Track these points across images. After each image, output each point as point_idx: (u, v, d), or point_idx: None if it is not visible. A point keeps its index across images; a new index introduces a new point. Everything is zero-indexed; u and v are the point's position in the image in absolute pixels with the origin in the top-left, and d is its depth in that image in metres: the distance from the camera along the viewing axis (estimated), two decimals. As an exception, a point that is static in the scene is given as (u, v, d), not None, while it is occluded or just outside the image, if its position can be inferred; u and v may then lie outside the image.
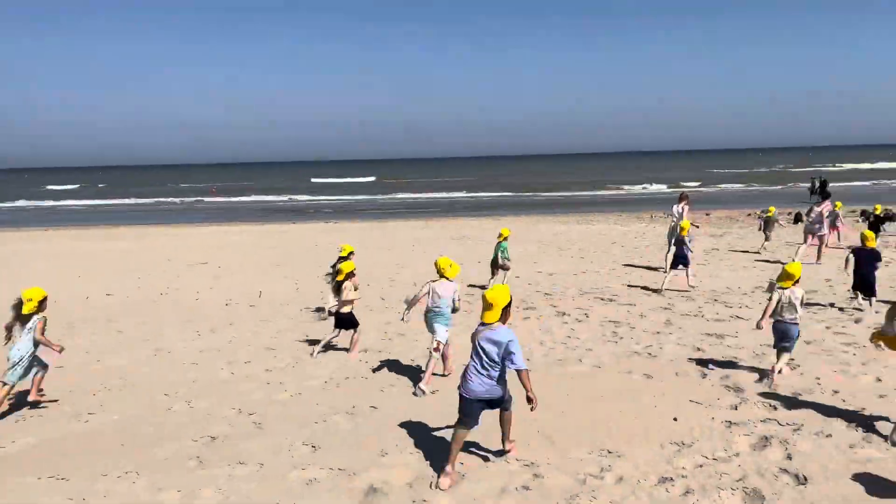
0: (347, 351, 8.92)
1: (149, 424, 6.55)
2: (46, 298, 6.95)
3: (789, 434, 5.73)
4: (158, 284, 14.98)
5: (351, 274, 8.61)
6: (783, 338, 7.19)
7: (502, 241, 13.36)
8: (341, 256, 10.41)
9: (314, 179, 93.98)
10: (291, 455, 5.71)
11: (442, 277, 7.44)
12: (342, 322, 8.74)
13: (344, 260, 10.00)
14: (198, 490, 5.13)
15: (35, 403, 7.12)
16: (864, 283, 10.56)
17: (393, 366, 8.34)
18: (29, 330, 6.81)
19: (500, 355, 4.99)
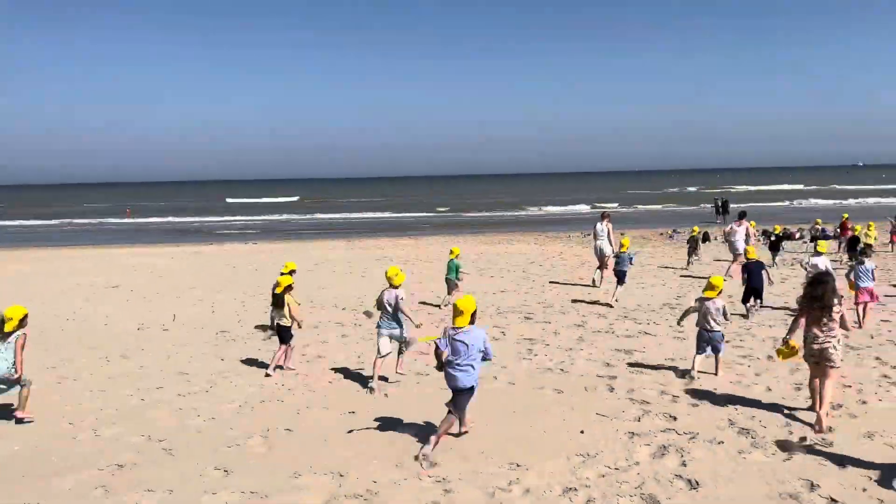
0: (281, 368, 9.07)
1: (52, 454, 6.31)
2: (27, 316, 7.24)
3: (685, 442, 6.10)
4: (65, 310, 14.37)
5: (289, 287, 8.96)
6: (708, 343, 8.12)
7: (453, 259, 13.82)
8: (283, 273, 10.73)
9: (229, 199, 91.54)
10: (202, 480, 5.64)
11: (391, 286, 8.22)
12: (281, 336, 9.01)
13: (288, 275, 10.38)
14: (102, 520, 5.00)
15: (21, 419, 7.17)
16: (756, 292, 12.06)
17: (310, 388, 8.32)
18: (9, 345, 7.04)
19: (477, 349, 5.97)
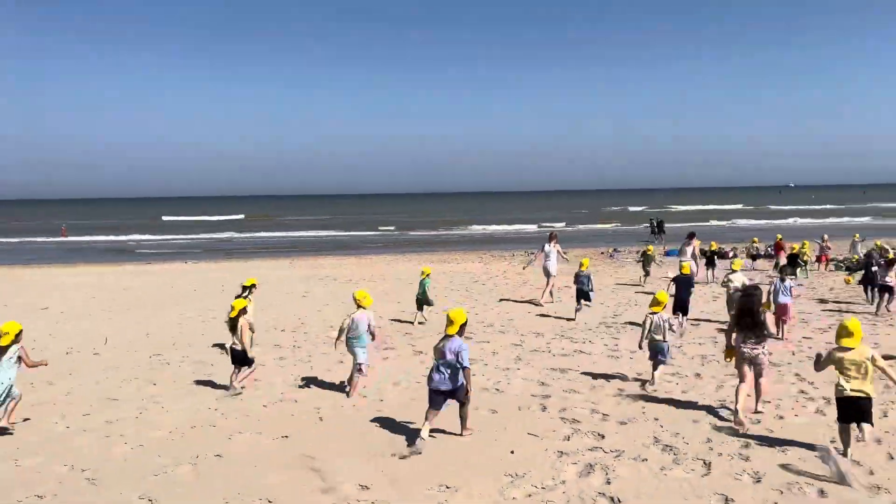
0: (227, 388, 9.02)
1: (-34, 488, 6.08)
2: (22, 331, 7.54)
3: (611, 460, 6.27)
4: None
5: (244, 310, 8.99)
6: (656, 353, 8.72)
7: (425, 279, 14.05)
8: (244, 286, 11.12)
9: (166, 217, 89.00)
10: (126, 510, 5.52)
11: (359, 308, 8.69)
12: (236, 358, 8.97)
13: (247, 289, 10.98)
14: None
15: (4, 430, 7.39)
16: (682, 305, 12.69)
17: (244, 412, 8.21)
18: (9, 359, 7.34)
19: (456, 358, 6.75)
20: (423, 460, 6.42)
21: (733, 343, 7.47)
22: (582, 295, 14.12)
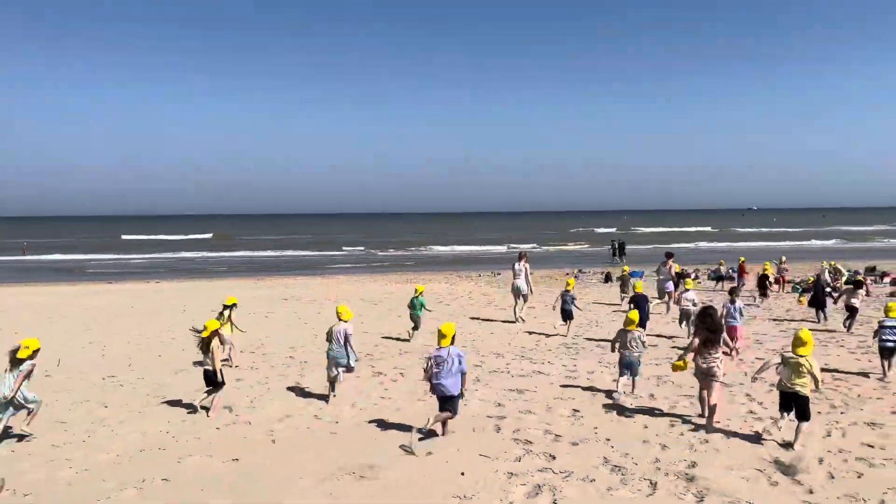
0: (207, 410, 8.95)
1: None
2: (39, 350, 8.01)
3: (560, 481, 6.33)
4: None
5: (216, 332, 9.01)
6: (629, 366, 9.35)
7: (418, 297, 14.47)
8: (225, 305, 11.55)
9: (125, 236, 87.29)
10: (66, 537, 5.40)
11: (340, 321, 9.42)
12: (208, 380, 8.97)
13: (228, 308, 11.46)
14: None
15: (22, 436, 7.89)
16: (640, 322, 12.87)
17: (196, 435, 8.10)
18: (20, 371, 7.73)
19: (455, 363, 7.52)
20: (373, 484, 6.40)
21: (689, 358, 8.21)
22: (566, 314, 14.73)
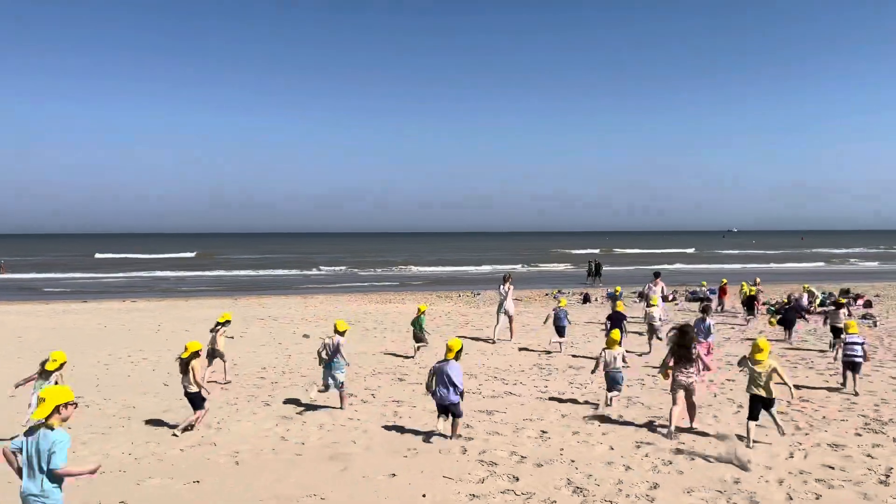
0: (177, 427, 8.99)
1: None
2: (66, 363, 8.63)
3: (521, 503, 6.30)
4: None
5: (196, 354, 9.04)
6: (612, 382, 9.98)
7: (420, 316, 14.81)
8: (219, 322, 11.94)
9: (99, 255, 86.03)
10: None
11: (336, 333, 10.01)
12: (193, 402, 8.97)
13: (221, 325, 11.85)
14: None
15: None
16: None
17: (158, 456, 8.01)
18: (50, 382, 8.15)
19: (453, 376, 8.30)
20: (335, 505, 6.36)
21: (667, 372, 8.89)
22: (559, 331, 15.42)
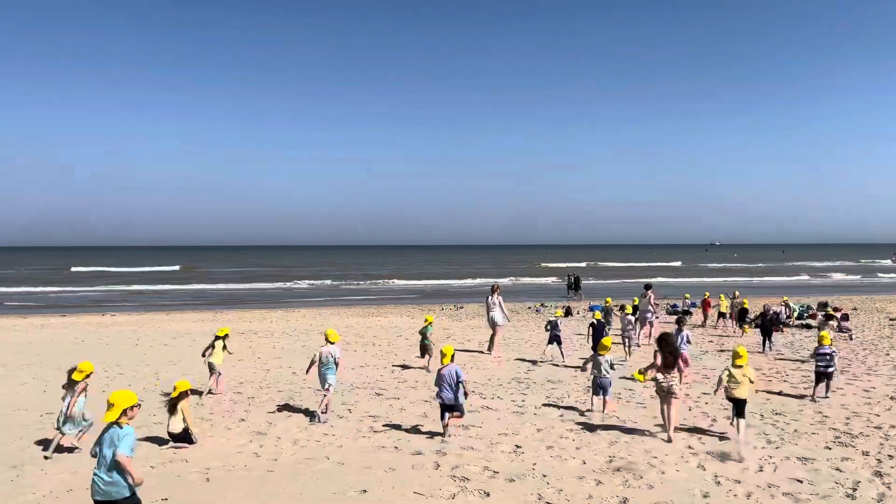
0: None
1: None
2: (93, 372, 8.96)
3: (490, 518, 6.30)
4: None
5: (185, 393, 9.03)
6: (601, 387, 10.50)
7: (427, 326, 15.20)
8: (217, 335, 12.38)
9: (75, 269, 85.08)
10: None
11: (328, 342, 10.68)
12: (178, 439, 8.92)
13: (219, 339, 12.27)
14: None
15: (71, 449, 8.71)
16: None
17: (128, 473, 7.91)
18: (78, 392, 8.58)
19: (455, 379, 9.26)
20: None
21: (649, 374, 9.53)
22: (555, 339, 16.02)
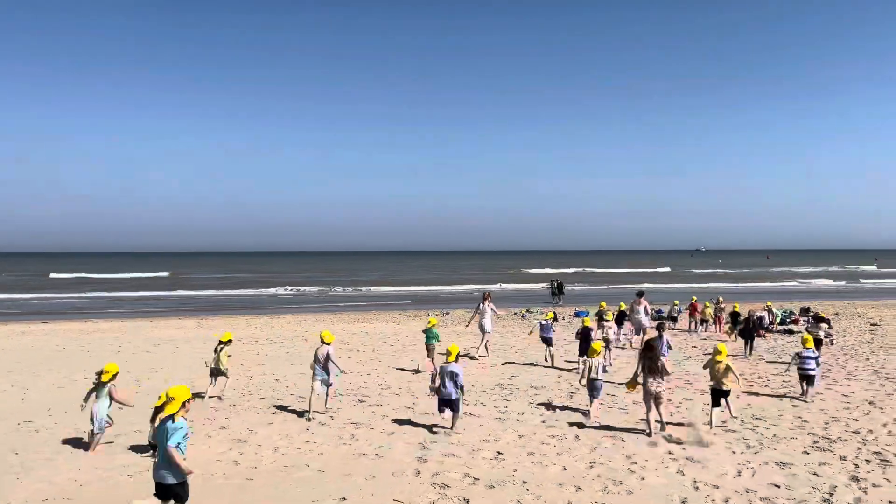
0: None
1: None
2: (118, 373, 9.32)
3: (469, 525, 6.29)
4: None
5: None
6: (593, 389, 10.72)
7: (431, 328, 15.43)
8: (221, 341, 12.52)
9: (54, 275, 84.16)
10: None
11: (323, 343, 11.09)
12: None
13: (223, 344, 12.38)
14: None
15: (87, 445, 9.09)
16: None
17: (108, 481, 7.85)
18: (106, 394, 9.00)
19: (455, 376, 9.89)
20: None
21: (639, 380, 9.83)
22: (546, 341, 16.52)
